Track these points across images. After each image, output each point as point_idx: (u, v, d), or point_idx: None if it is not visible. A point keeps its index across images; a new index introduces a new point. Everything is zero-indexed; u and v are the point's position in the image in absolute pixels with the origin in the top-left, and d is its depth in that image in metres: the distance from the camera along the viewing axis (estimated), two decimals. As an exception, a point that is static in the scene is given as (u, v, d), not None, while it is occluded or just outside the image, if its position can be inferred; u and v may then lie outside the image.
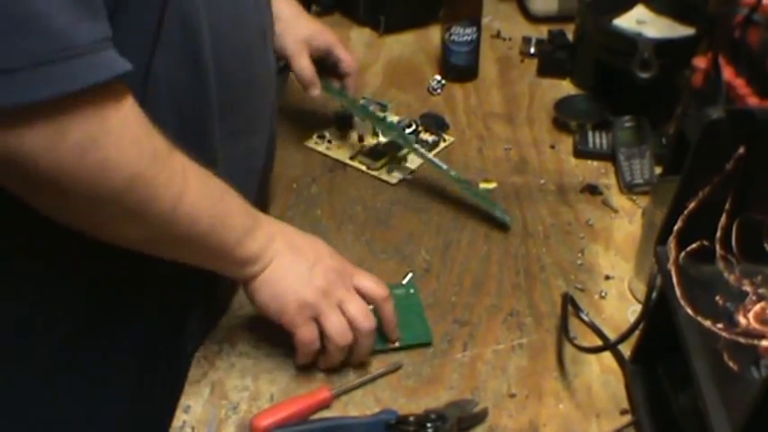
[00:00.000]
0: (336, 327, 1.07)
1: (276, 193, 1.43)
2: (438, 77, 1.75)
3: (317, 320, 1.07)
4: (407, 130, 1.56)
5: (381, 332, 1.12)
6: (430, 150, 1.53)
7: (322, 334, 1.07)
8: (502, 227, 1.36)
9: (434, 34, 1.87)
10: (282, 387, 1.09)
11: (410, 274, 1.26)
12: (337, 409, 1.07)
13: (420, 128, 1.58)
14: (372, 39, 1.93)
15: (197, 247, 1.00)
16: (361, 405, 1.07)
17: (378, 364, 1.12)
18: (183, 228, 0.96)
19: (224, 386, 1.09)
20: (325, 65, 1.49)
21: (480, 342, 1.16)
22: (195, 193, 0.95)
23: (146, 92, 0.97)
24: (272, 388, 1.09)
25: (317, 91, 1.45)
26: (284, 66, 1.58)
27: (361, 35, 1.94)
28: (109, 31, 0.85)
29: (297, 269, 1.06)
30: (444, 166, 1.39)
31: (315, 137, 1.57)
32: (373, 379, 1.10)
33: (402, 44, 1.91)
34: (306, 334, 1.07)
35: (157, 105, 0.99)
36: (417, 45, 1.91)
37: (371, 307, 1.10)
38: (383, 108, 1.62)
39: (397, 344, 1.14)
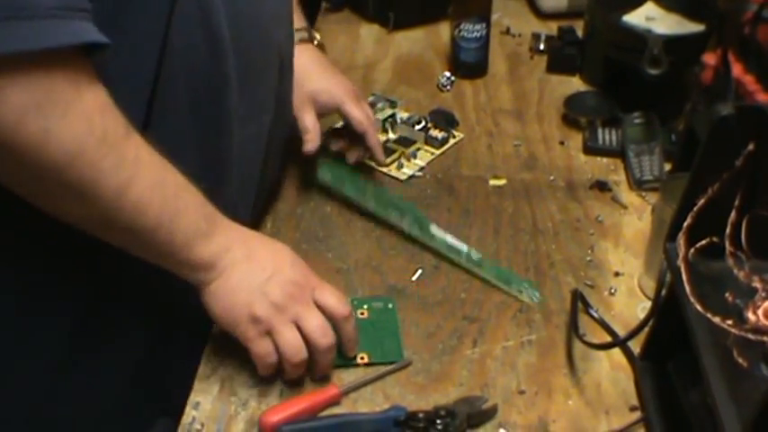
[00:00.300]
0: (289, 343, 1.04)
1: (285, 190, 1.43)
2: (447, 74, 1.75)
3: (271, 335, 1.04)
4: (417, 127, 1.56)
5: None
6: (439, 147, 1.54)
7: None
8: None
9: (444, 31, 1.88)
10: (291, 384, 1.09)
11: (419, 271, 1.27)
12: (346, 406, 1.07)
13: (429, 124, 1.58)
14: (382, 35, 1.93)
15: (143, 239, 0.97)
16: (370, 402, 1.07)
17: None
18: (128, 217, 0.93)
19: (233, 383, 1.09)
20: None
21: (489, 339, 1.16)
22: (145, 184, 0.93)
23: (161, 67, 0.98)
24: (281, 384, 1.09)
25: (310, 147, 1.36)
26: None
27: (370, 32, 1.94)
28: (81, 2, 0.84)
29: (251, 281, 1.03)
30: (464, 249, 1.29)
31: (324, 133, 1.57)
32: (382, 376, 1.10)
33: (411, 41, 1.91)
34: (258, 348, 1.04)
35: (173, 81, 1.00)
36: (427, 42, 1.91)
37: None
38: (393, 105, 1.62)
39: (365, 360, 1.12)
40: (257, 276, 1.03)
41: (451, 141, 1.57)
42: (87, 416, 1.15)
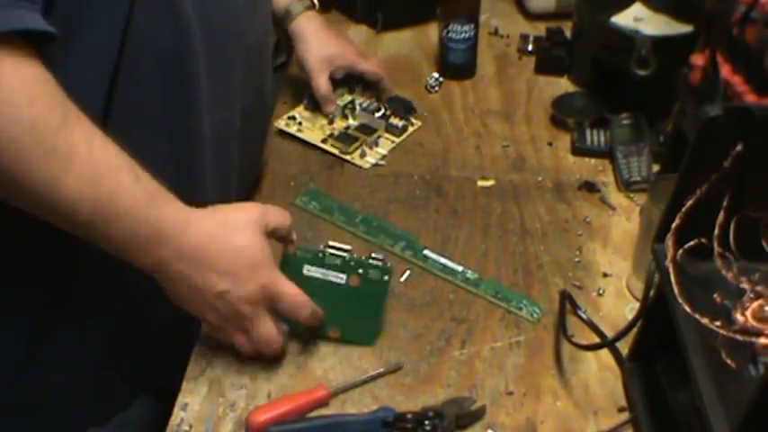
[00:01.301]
0: (244, 345, 1.07)
1: (274, 190, 1.43)
2: (436, 75, 1.75)
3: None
4: (377, 114, 1.57)
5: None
6: (399, 135, 1.56)
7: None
8: (502, 224, 1.35)
9: (432, 32, 1.87)
10: (280, 385, 1.09)
11: (408, 272, 1.26)
12: (335, 407, 1.06)
13: (388, 112, 1.59)
14: (370, 36, 1.93)
15: (81, 232, 0.96)
16: (358, 403, 1.07)
17: (376, 364, 1.12)
18: (61, 209, 0.92)
19: (221, 384, 1.09)
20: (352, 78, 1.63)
21: (478, 340, 1.16)
22: (77, 181, 0.90)
23: (126, 44, 0.98)
24: (270, 386, 1.09)
25: (331, 107, 1.56)
26: (282, 63, 1.58)
27: (358, 33, 1.94)
28: None
29: (201, 294, 1.02)
30: (460, 269, 1.28)
31: (285, 118, 1.58)
32: (372, 378, 1.10)
33: (400, 42, 1.91)
34: (221, 337, 1.08)
35: (140, 62, 1.00)
36: (415, 42, 1.91)
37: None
38: (351, 90, 1.64)
39: (337, 334, 1.13)
40: (208, 289, 1.02)
41: (410, 129, 1.59)
42: (56, 400, 1.16)
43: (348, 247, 1.12)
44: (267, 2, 1.28)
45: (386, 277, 1.13)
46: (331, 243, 1.11)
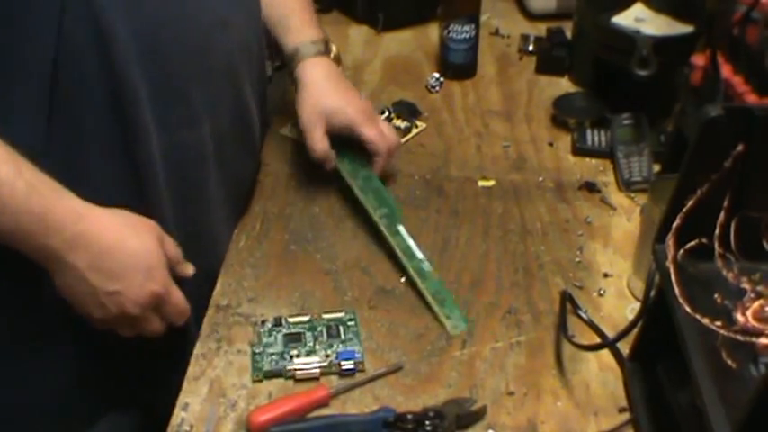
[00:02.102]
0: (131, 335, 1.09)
1: (274, 191, 1.43)
2: (436, 75, 1.75)
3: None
4: (381, 118, 1.56)
5: None
6: (403, 136, 1.56)
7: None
8: (502, 224, 1.35)
9: (433, 32, 1.88)
10: (281, 385, 1.09)
11: (408, 272, 1.27)
12: (335, 408, 1.06)
13: (392, 115, 1.60)
14: (371, 36, 1.93)
15: None
16: (359, 403, 1.07)
17: (377, 364, 1.12)
18: None
19: (222, 384, 1.09)
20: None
21: (479, 340, 1.16)
22: None
23: (58, 71, 0.98)
24: (270, 386, 1.09)
25: (330, 165, 1.38)
26: (279, 66, 1.57)
27: (359, 33, 1.94)
28: None
29: (88, 290, 1.02)
30: (420, 256, 1.26)
31: (289, 125, 1.57)
32: (372, 378, 1.10)
33: (400, 42, 1.91)
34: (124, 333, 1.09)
35: (72, 87, 1.00)
36: (416, 43, 1.91)
37: None
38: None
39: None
40: (99, 287, 1.02)
41: (414, 131, 1.59)
42: (26, 415, 1.15)
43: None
44: (243, 15, 1.25)
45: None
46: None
